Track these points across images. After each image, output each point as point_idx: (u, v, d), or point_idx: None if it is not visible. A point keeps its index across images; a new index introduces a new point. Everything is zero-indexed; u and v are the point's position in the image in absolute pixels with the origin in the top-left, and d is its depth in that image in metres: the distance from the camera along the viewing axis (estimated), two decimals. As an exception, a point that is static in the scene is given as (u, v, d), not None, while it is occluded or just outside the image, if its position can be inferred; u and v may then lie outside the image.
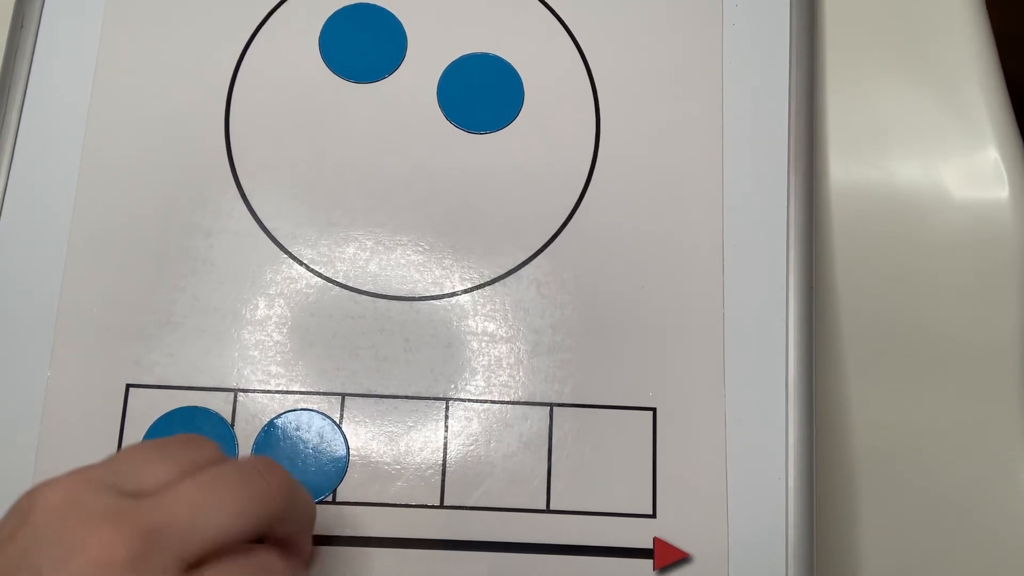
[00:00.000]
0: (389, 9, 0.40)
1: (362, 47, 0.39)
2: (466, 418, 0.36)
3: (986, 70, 0.40)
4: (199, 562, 0.25)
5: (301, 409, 0.36)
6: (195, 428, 0.35)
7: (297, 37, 0.39)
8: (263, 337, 0.36)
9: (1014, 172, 0.40)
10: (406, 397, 0.36)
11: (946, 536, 0.38)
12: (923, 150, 0.40)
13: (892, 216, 0.40)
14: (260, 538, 0.28)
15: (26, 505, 0.25)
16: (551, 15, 0.40)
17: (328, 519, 0.35)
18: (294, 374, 0.36)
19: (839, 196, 0.40)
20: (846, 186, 0.40)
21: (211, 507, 0.25)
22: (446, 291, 0.37)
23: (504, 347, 0.37)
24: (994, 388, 0.39)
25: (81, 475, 0.26)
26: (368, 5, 0.40)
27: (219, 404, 0.36)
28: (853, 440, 0.39)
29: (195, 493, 0.25)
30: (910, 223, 0.40)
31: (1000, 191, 0.40)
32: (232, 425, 0.36)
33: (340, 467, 0.35)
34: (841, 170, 0.40)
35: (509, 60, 0.39)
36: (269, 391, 0.36)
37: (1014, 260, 0.39)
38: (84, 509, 0.25)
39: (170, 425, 0.35)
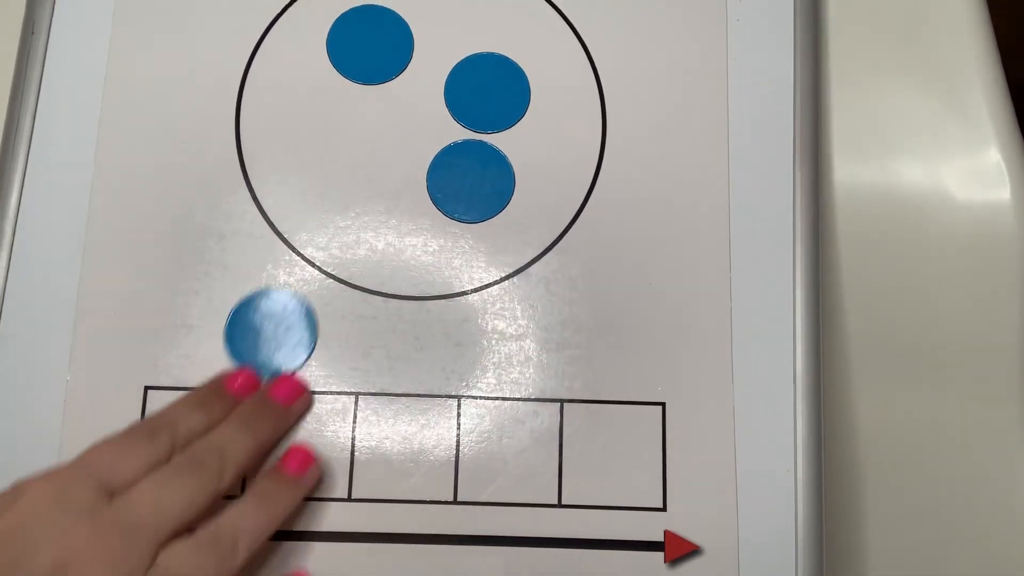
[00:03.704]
0: (395, 10, 0.40)
1: (369, 49, 0.40)
2: (478, 415, 0.37)
3: (988, 72, 0.41)
4: (167, 541, 0.30)
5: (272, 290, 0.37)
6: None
7: (304, 40, 0.40)
8: (277, 338, 0.37)
9: (1016, 173, 0.40)
10: (418, 395, 0.37)
11: (949, 532, 0.38)
12: (925, 151, 0.41)
13: (895, 216, 0.40)
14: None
15: (13, 494, 0.29)
16: (556, 14, 0.40)
17: (343, 516, 0.35)
18: (308, 374, 0.37)
19: (842, 196, 0.40)
20: (849, 186, 0.40)
21: (167, 500, 0.30)
22: (456, 290, 0.38)
23: (514, 344, 0.37)
24: (995, 387, 0.39)
25: (64, 471, 0.30)
26: (374, 7, 0.40)
27: (235, 405, 0.36)
28: (859, 436, 0.39)
29: (154, 491, 0.30)
30: (912, 223, 0.40)
31: (1002, 192, 0.40)
32: (248, 425, 0.36)
33: (304, 352, 0.37)
34: (844, 171, 0.41)
35: (515, 59, 0.40)
36: (284, 391, 0.37)
37: (1015, 260, 0.39)
38: (70, 502, 0.29)
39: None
